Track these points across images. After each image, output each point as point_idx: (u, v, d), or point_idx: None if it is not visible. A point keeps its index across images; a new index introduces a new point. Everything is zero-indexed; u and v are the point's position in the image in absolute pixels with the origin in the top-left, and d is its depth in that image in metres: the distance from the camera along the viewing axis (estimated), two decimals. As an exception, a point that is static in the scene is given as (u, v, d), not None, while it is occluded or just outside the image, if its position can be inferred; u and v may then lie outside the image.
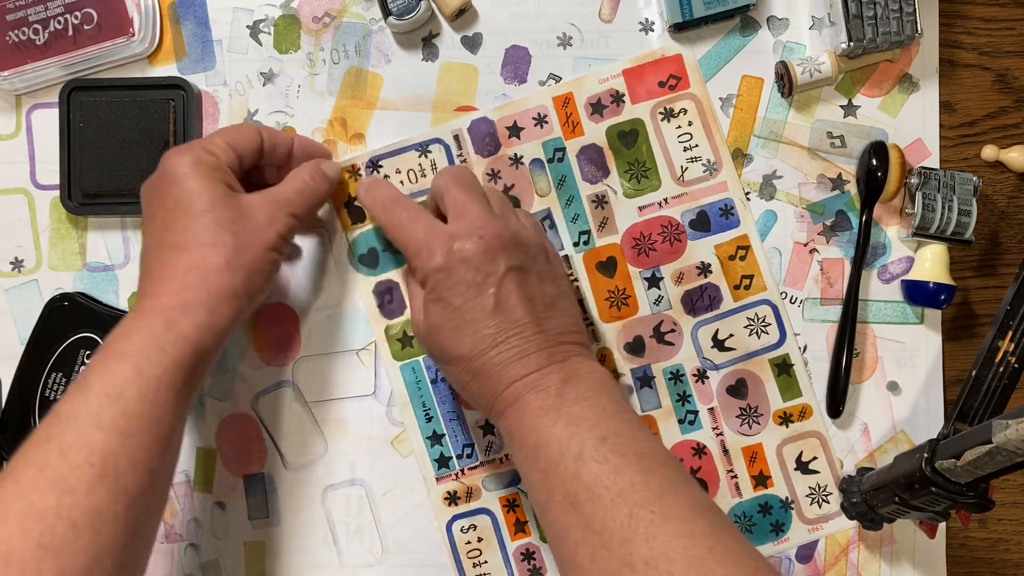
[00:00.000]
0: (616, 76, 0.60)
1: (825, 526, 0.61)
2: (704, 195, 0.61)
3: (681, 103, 0.61)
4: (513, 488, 0.61)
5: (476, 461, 0.61)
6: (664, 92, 0.61)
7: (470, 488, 0.61)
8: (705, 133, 0.61)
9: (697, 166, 0.61)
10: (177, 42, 0.62)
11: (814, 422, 0.61)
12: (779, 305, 0.61)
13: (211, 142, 0.54)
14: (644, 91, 0.61)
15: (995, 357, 0.54)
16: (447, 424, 0.61)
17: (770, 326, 0.61)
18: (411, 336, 0.61)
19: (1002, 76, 0.63)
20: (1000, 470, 0.47)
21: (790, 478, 0.61)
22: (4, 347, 0.62)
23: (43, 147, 0.62)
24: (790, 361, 0.62)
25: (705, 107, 0.61)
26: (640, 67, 0.60)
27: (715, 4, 0.60)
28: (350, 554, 0.62)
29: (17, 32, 0.60)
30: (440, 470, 0.61)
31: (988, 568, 0.63)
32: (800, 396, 0.61)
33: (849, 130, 0.62)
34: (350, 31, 0.62)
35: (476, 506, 0.61)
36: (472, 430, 0.61)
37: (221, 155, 0.53)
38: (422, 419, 0.61)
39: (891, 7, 0.59)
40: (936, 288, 0.60)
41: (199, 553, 0.62)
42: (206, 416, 0.62)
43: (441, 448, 0.61)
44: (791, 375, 0.61)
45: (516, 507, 0.61)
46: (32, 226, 0.62)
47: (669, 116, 0.61)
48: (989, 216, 0.63)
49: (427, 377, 0.61)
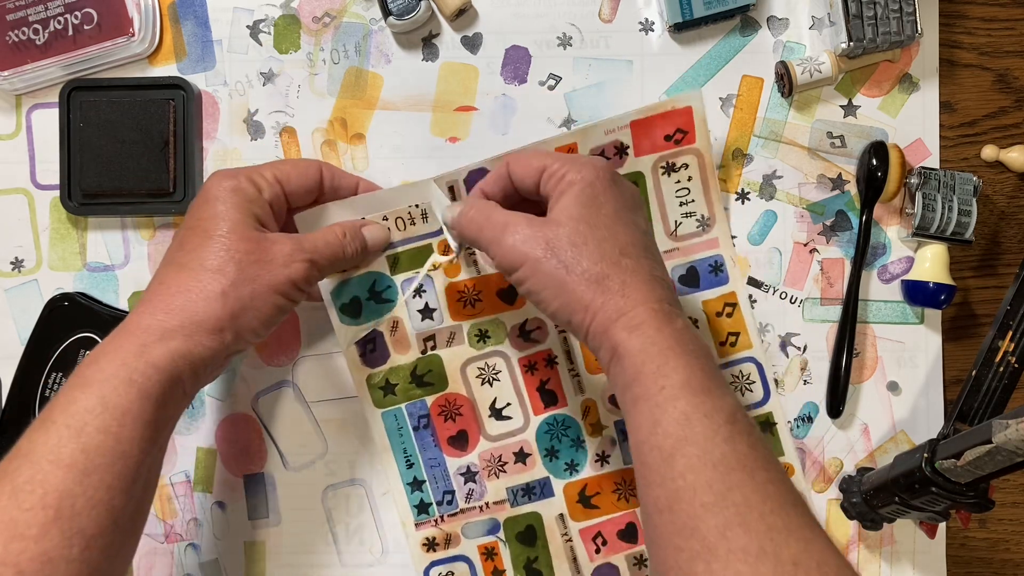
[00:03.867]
0: (623, 128, 0.57)
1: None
2: (695, 251, 0.61)
3: (684, 158, 0.59)
4: (492, 537, 0.61)
5: (456, 508, 0.61)
6: (669, 146, 0.58)
7: (449, 535, 0.61)
8: (703, 188, 0.59)
9: (691, 221, 0.60)
10: (177, 42, 0.62)
11: (796, 482, 0.61)
12: (763, 363, 0.61)
13: (259, 173, 0.53)
14: (649, 144, 0.58)
15: (995, 357, 0.54)
16: (428, 470, 0.60)
17: (754, 384, 0.61)
18: (393, 384, 0.60)
19: (1002, 76, 0.63)
20: (1000, 470, 0.48)
21: None
22: (4, 347, 0.62)
23: (43, 147, 0.62)
24: (773, 420, 0.61)
25: (707, 162, 0.59)
26: (648, 119, 0.57)
27: (715, 4, 0.60)
28: (350, 554, 0.62)
29: (17, 32, 0.60)
30: (420, 516, 0.61)
31: (988, 568, 0.63)
32: (783, 456, 0.62)
33: (849, 130, 0.62)
34: (350, 31, 0.62)
35: (454, 553, 0.61)
36: (453, 476, 0.60)
37: (265, 188, 0.52)
38: (402, 464, 0.60)
39: (891, 7, 0.59)
40: (936, 288, 0.60)
41: (199, 553, 0.62)
42: (206, 416, 0.62)
43: (421, 494, 0.61)
44: (774, 433, 0.61)
45: (494, 555, 0.61)
46: (32, 226, 0.62)
47: (670, 171, 0.59)
48: (989, 216, 0.63)
49: (409, 424, 0.60)
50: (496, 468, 0.60)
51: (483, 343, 0.60)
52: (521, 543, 0.61)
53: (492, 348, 0.60)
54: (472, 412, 0.60)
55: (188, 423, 0.62)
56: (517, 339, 0.60)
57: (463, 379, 0.60)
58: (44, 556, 0.41)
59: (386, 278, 0.59)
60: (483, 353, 0.60)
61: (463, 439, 0.60)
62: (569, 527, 0.61)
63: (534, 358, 0.60)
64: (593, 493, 0.61)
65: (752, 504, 0.41)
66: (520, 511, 0.61)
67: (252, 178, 0.52)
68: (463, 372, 0.60)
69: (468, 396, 0.60)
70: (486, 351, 0.60)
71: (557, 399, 0.60)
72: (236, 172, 0.52)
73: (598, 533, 0.61)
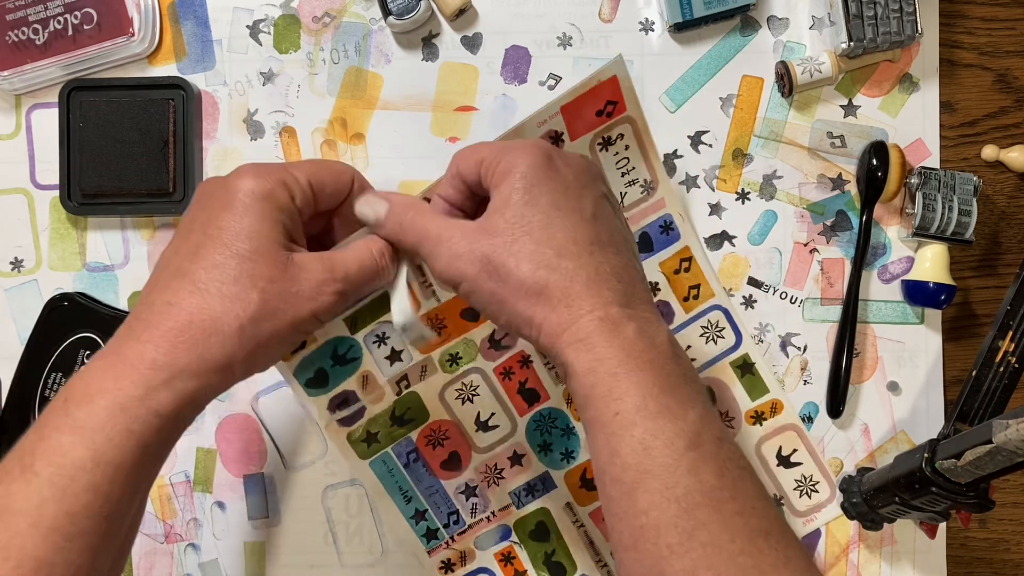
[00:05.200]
0: (554, 116, 0.53)
1: (818, 516, 0.61)
2: (644, 216, 0.59)
3: (618, 128, 0.55)
4: (506, 542, 0.61)
5: (464, 526, 0.60)
6: (602, 121, 0.55)
7: (463, 552, 0.61)
8: (641, 153, 0.57)
9: (635, 189, 0.58)
10: (177, 42, 0.62)
11: (787, 415, 0.61)
12: (729, 308, 0.61)
13: (294, 177, 0.45)
14: (582, 125, 0.55)
15: (995, 357, 0.54)
16: (427, 499, 0.60)
17: (724, 329, 0.61)
18: (375, 432, 0.58)
19: (1002, 76, 0.63)
20: (1000, 470, 0.48)
21: (774, 475, 0.61)
22: (4, 347, 0.62)
23: (43, 147, 0.62)
24: (750, 360, 0.61)
25: (640, 127, 0.55)
26: (577, 100, 0.53)
27: (715, 4, 0.60)
28: (350, 554, 0.62)
29: (17, 32, 0.60)
30: (430, 543, 0.60)
31: (988, 568, 0.63)
32: (768, 392, 0.61)
33: (849, 130, 0.62)
34: (350, 31, 0.62)
35: (473, 567, 0.61)
36: (453, 497, 0.60)
37: (298, 195, 0.45)
38: (401, 503, 0.60)
39: (891, 7, 0.59)
40: (936, 288, 0.60)
41: (199, 553, 0.62)
42: (206, 416, 0.62)
43: (426, 523, 0.60)
44: (754, 373, 0.61)
45: (512, 559, 0.61)
46: (32, 226, 0.62)
47: (607, 145, 0.56)
48: (989, 216, 0.63)
49: (399, 464, 0.59)
50: (494, 477, 0.60)
51: (455, 365, 0.58)
52: (535, 540, 0.61)
53: (465, 368, 0.58)
54: (459, 432, 0.59)
55: (188, 423, 0.62)
56: (488, 351, 0.58)
57: (443, 405, 0.59)
58: None
59: (346, 340, 0.55)
60: (458, 375, 0.58)
61: (455, 460, 0.60)
62: (578, 513, 0.61)
63: (508, 364, 0.59)
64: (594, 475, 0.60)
65: (720, 544, 0.38)
66: (527, 510, 0.61)
67: (286, 182, 0.44)
68: (442, 399, 0.59)
69: (451, 419, 0.59)
70: (460, 372, 0.58)
71: (539, 395, 0.60)
72: (267, 171, 0.44)
73: None
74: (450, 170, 0.47)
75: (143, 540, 0.62)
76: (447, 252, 0.44)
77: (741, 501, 0.40)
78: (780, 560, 0.39)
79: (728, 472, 0.40)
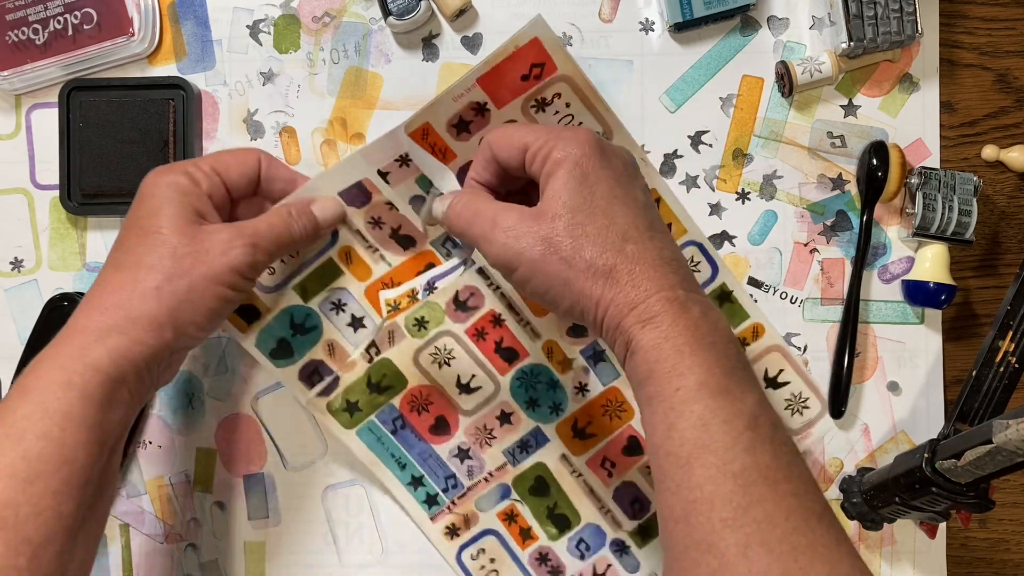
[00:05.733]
0: (471, 88, 0.53)
1: (812, 431, 0.62)
2: None
3: (552, 88, 0.55)
4: (507, 501, 0.61)
5: (463, 489, 0.61)
6: (530, 84, 0.54)
7: (466, 516, 0.61)
8: (586, 107, 0.56)
9: None
10: (177, 42, 0.62)
11: (769, 337, 0.61)
12: (703, 242, 0.60)
13: (196, 166, 0.51)
14: (507, 92, 0.54)
15: (995, 357, 0.54)
16: (422, 464, 0.60)
17: (700, 263, 0.61)
18: (354, 401, 0.59)
19: (1002, 76, 0.63)
20: (1000, 470, 0.47)
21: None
22: (4, 347, 0.62)
23: (43, 147, 0.62)
24: (728, 288, 0.61)
25: (580, 82, 0.54)
26: (495, 69, 0.52)
27: (715, 4, 0.60)
28: (350, 554, 0.62)
29: (17, 32, 0.60)
30: (431, 509, 0.61)
31: (988, 568, 0.63)
32: (748, 318, 0.61)
33: (849, 130, 0.62)
34: (350, 31, 0.62)
35: (478, 531, 0.61)
36: (448, 460, 0.60)
37: (202, 180, 0.50)
38: (396, 469, 0.60)
39: (891, 7, 0.59)
40: (936, 288, 0.60)
41: (199, 553, 0.62)
42: (206, 416, 0.62)
43: (425, 488, 0.60)
44: (733, 301, 0.61)
45: (515, 517, 0.61)
46: (32, 226, 0.62)
47: (543, 106, 0.55)
48: (989, 216, 0.63)
49: (386, 431, 0.60)
50: (485, 438, 0.60)
51: (424, 330, 0.58)
52: (536, 495, 0.61)
53: (435, 331, 0.59)
54: (442, 397, 0.60)
55: (188, 423, 0.62)
56: (455, 313, 0.59)
57: (420, 370, 0.59)
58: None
59: (302, 308, 0.58)
60: (428, 339, 0.59)
61: (443, 424, 0.60)
62: (575, 463, 0.61)
63: (479, 324, 0.59)
64: (585, 424, 0.61)
65: (775, 521, 0.39)
66: (524, 467, 0.61)
67: (188, 171, 0.50)
68: (417, 363, 0.59)
69: (431, 384, 0.59)
70: (430, 336, 0.59)
71: (518, 353, 0.60)
72: (172, 167, 0.51)
73: (604, 459, 0.61)
74: (483, 153, 0.50)
75: (143, 540, 0.62)
76: (503, 235, 0.46)
77: (795, 483, 0.41)
78: (832, 541, 0.40)
79: (783, 455, 0.41)
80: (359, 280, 0.58)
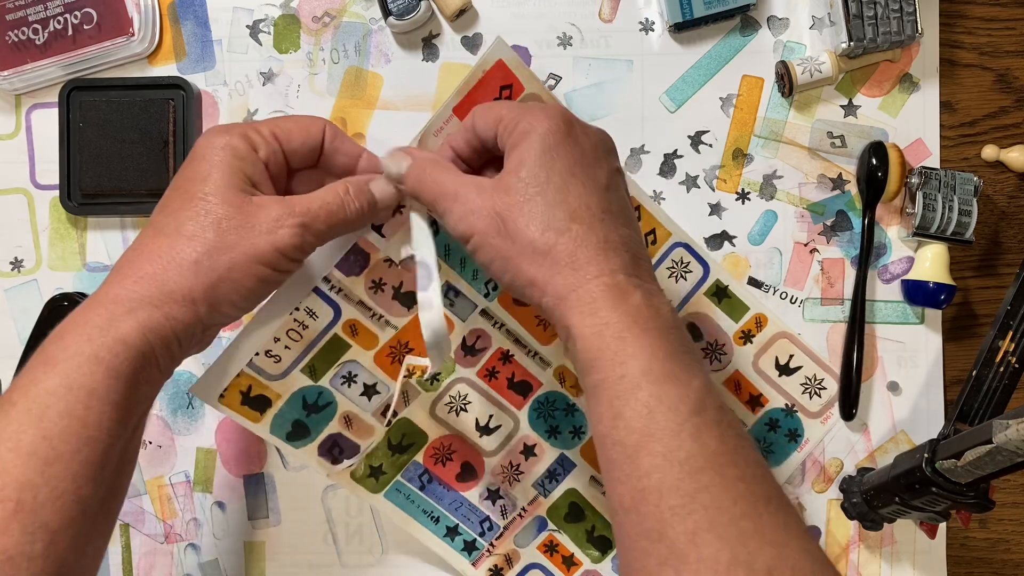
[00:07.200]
0: (448, 120, 0.52)
1: (833, 411, 0.62)
2: None
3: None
4: (544, 533, 0.61)
5: (499, 530, 0.61)
6: None
7: (507, 555, 0.61)
8: None
9: None
10: (177, 42, 0.62)
11: (774, 325, 0.61)
12: (689, 242, 0.60)
13: (256, 129, 0.47)
14: None
15: (995, 357, 0.54)
16: (455, 514, 0.60)
17: (690, 263, 0.60)
18: (377, 466, 0.58)
19: (1002, 76, 0.63)
20: (1000, 470, 0.48)
21: (779, 385, 0.61)
22: (4, 347, 0.62)
23: (43, 147, 0.62)
24: (723, 284, 0.61)
25: (546, 99, 0.54)
26: (468, 97, 0.52)
27: (715, 4, 0.60)
28: (350, 554, 0.62)
29: (17, 32, 0.60)
30: (471, 555, 0.61)
31: (988, 568, 0.63)
32: (748, 310, 0.61)
33: (849, 130, 0.62)
34: (350, 31, 0.62)
35: (521, 567, 0.61)
36: (480, 504, 0.60)
37: (261, 146, 0.47)
38: (430, 524, 0.60)
39: (891, 7, 0.59)
40: (936, 288, 0.60)
41: (199, 553, 0.62)
42: (206, 416, 0.62)
43: (461, 536, 0.60)
44: (730, 295, 0.61)
45: (556, 547, 0.61)
46: (32, 226, 0.62)
47: None
48: (989, 216, 0.63)
49: (414, 488, 0.59)
50: (513, 474, 0.60)
51: (437, 383, 0.58)
52: (572, 522, 0.61)
53: (448, 381, 0.58)
54: (464, 443, 0.59)
55: (188, 423, 0.62)
56: (465, 359, 0.58)
57: (438, 422, 0.59)
58: (5, 554, 0.38)
59: (313, 388, 0.56)
60: (442, 390, 0.58)
61: (469, 469, 0.60)
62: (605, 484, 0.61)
63: (489, 364, 0.59)
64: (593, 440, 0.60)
65: (723, 507, 0.39)
66: (555, 496, 0.61)
67: (247, 134, 0.46)
68: (434, 416, 0.59)
69: (452, 432, 0.59)
70: (443, 387, 0.58)
71: (531, 385, 0.59)
72: (230, 128, 0.47)
73: None
74: (465, 123, 0.49)
75: (143, 540, 0.62)
76: (461, 208, 0.45)
77: (742, 467, 0.40)
78: (780, 525, 0.39)
79: (729, 439, 0.41)
80: (367, 350, 0.56)
